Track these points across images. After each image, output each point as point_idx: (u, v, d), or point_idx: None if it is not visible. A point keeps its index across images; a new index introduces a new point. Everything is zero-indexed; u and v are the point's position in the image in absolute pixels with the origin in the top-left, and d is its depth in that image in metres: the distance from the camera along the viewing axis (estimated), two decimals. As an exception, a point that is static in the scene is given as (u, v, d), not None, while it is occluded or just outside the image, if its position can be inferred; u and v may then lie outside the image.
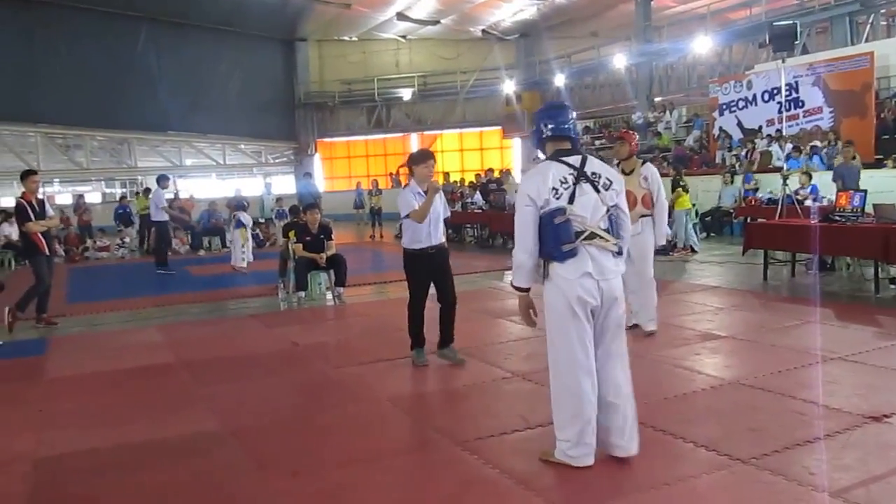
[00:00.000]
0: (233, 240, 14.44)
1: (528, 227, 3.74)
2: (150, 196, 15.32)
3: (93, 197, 27.96)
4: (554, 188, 3.71)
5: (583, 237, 3.69)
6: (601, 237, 3.71)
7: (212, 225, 19.45)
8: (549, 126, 3.89)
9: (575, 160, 3.80)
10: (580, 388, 3.75)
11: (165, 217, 14.25)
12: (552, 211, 3.69)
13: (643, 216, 6.63)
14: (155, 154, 29.86)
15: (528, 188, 3.78)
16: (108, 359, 7.09)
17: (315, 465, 4.16)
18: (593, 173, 3.77)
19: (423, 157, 6.16)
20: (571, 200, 3.70)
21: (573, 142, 3.92)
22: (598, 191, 3.74)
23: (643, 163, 6.85)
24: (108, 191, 29.86)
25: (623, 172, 6.49)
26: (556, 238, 3.68)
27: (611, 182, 3.79)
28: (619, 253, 3.78)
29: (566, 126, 3.90)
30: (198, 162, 31.03)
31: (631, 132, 7.45)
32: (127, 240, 19.62)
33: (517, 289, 3.89)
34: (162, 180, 14.35)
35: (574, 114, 4.06)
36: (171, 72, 27.23)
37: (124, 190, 28.28)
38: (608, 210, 3.75)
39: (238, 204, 15.36)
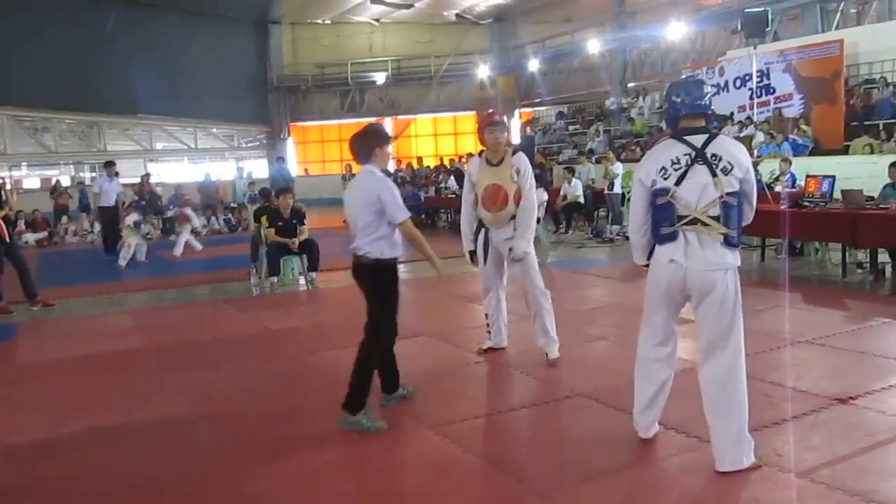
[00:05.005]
0: (129, 242, 13.06)
1: (637, 207, 3.74)
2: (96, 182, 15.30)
3: (62, 181, 27.47)
4: (663, 168, 3.58)
5: (684, 221, 3.52)
6: (704, 223, 3.49)
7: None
8: (686, 101, 3.65)
9: (698, 139, 3.56)
10: (641, 367, 3.89)
11: (110, 203, 14.15)
12: (656, 191, 3.61)
13: (515, 217, 5.44)
14: (125, 137, 29.44)
15: (639, 170, 3.75)
16: (77, 344, 7.01)
17: (290, 449, 4.15)
18: (713, 155, 3.50)
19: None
20: (679, 182, 3.53)
21: (707, 119, 3.70)
22: (714, 174, 3.48)
23: (514, 152, 5.52)
24: (77, 175, 29.40)
25: (489, 163, 5.48)
26: (657, 219, 3.63)
27: (732, 167, 3.48)
28: (732, 244, 3.51)
29: (701, 102, 3.65)
30: (169, 146, 30.67)
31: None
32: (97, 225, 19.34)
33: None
34: (107, 166, 14.32)
35: (709, 88, 3.80)
36: (142, 54, 26.74)
37: (94, 174, 27.84)
38: (722, 197, 3.47)
39: (141, 204, 14.90)
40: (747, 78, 17.15)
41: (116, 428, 4.63)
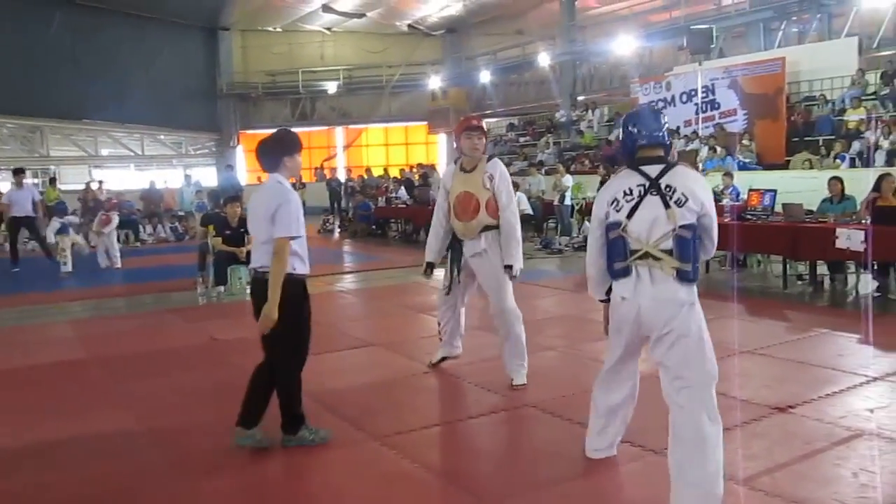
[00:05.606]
0: (63, 246, 13.08)
1: (592, 240, 3.58)
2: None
3: (1, 187, 26.75)
4: (615, 199, 3.40)
5: (635, 256, 3.34)
6: (655, 258, 3.31)
7: (124, 216, 18.83)
8: (643, 133, 3.47)
9: (654, 170, 3.36)
10: (595, 395, 3.84)
11: (26, 212, 13.24)
12: (609, 225, 3.44)
13: (488, 228, 5.27)
14: (69, 143, 28.72)
15: (595, 203, 3.60)
16: (15, 355, 6.81)
17: (232, 462, 4.08)
18: (667, 186, 3.31)
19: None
20: (631, 214, 3.35)
21: (665, 149, 3.51)
22: (667, 206, 3.29)
23: (489, 158, 5.34)
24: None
25: (462, 170, 5.32)
26: (610, 254, 3.45)
27: (686, 199, 3.27)
28: (686, 279, 3.29)
29: (659, 133, 3.49)
30: (115, 152, 29.99)
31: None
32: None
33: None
34: (15, 174, 13.47)
35: (666, 118, 3.67)
36: (88, 58, 26.16)
37: (36, 180, 27.10)
38: (675, 229, 3.28)
39: (60, 208, 14.39)
40: (693, 93, 17.55)
41: (55, 443, 4.50)
